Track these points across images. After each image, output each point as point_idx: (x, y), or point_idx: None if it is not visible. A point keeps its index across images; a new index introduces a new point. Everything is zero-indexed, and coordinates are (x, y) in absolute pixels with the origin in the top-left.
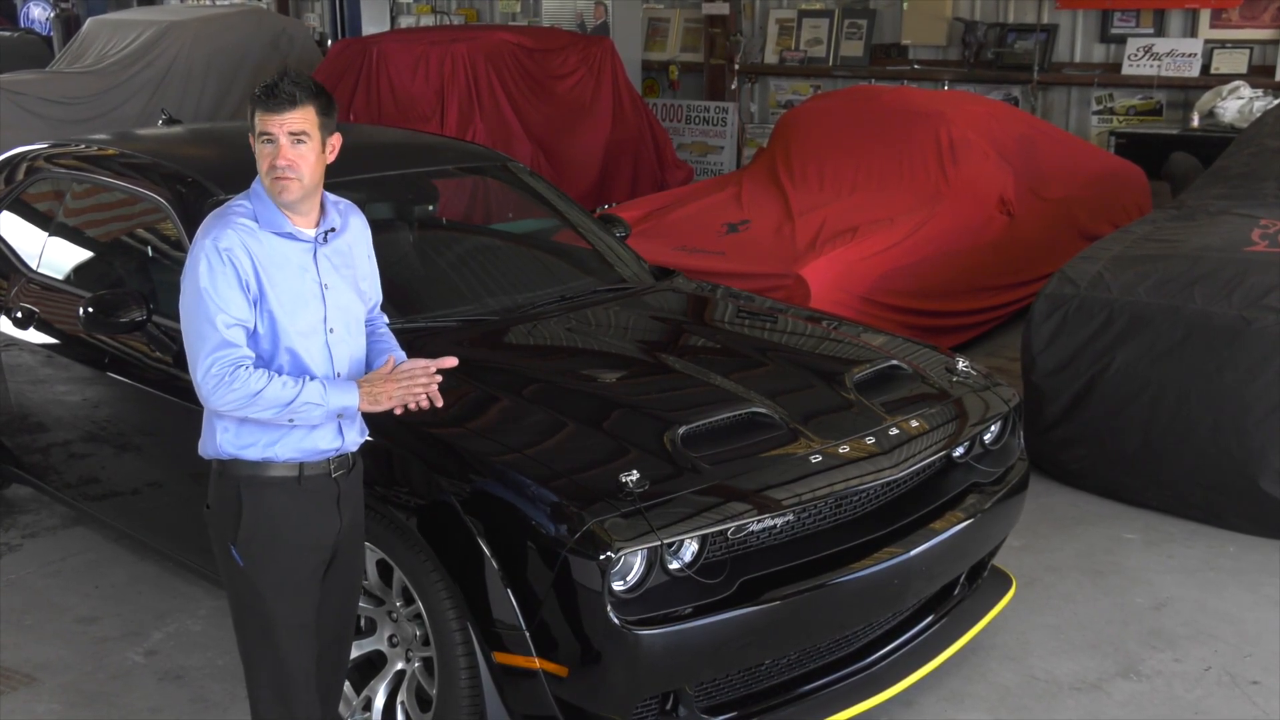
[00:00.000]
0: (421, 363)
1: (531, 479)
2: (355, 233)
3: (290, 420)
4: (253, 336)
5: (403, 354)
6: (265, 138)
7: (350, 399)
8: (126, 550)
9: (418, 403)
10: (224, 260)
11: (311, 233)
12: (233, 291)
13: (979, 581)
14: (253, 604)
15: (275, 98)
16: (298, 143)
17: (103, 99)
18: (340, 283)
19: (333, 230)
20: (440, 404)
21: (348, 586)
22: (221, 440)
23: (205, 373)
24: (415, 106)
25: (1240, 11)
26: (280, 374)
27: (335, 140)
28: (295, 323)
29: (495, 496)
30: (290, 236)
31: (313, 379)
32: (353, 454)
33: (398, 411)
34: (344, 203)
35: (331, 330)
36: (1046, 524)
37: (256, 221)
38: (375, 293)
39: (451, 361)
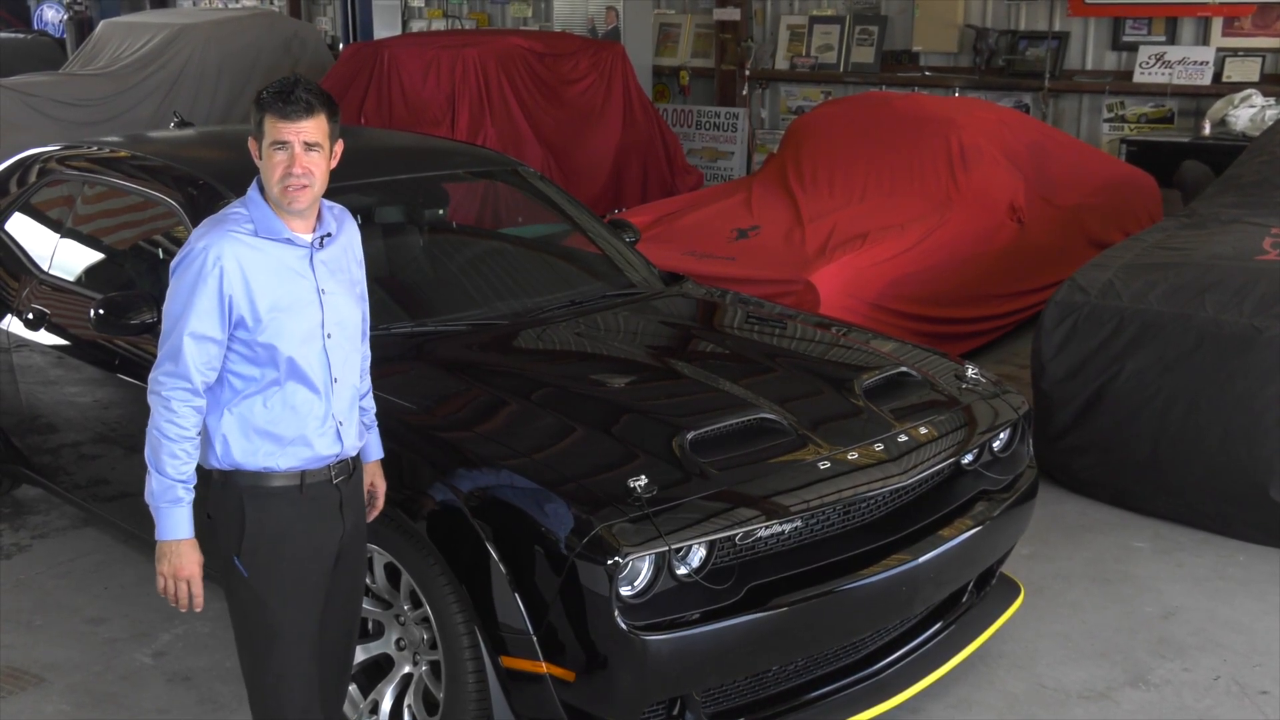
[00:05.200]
0: (196, 599)
1: (540, 483)
2: (349, 237)
3: (148, 465)
4: (250, 346)
5: (375, 442)
6: (278, 145)
7: (164, 532)
8: (136, 551)
9: (169, 596)
10: (213, 268)
11: (309, 238)
12: (209, 304)
13: (987, 589)
14: (257, 613)
15: (292, 104)
16: (311, 151)
17: (115, 101)
18: (338, 288)
19: (329, 235)
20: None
21: (351, 589)
22: (222, 451)
23: (158, 373)
24: (426, 110)
25: (1252, 20)
26: (196, 441)
27: (338, 147)
28: (293, 329)
29: (503, 500)
30: (288, 242)
31: (185, 492)
32: (353, 459)
33: (159, 588)
34: (338, 207)
35: (329, 335)
36: (1055, 532)
37: (254, 228)
38: (365, 310)
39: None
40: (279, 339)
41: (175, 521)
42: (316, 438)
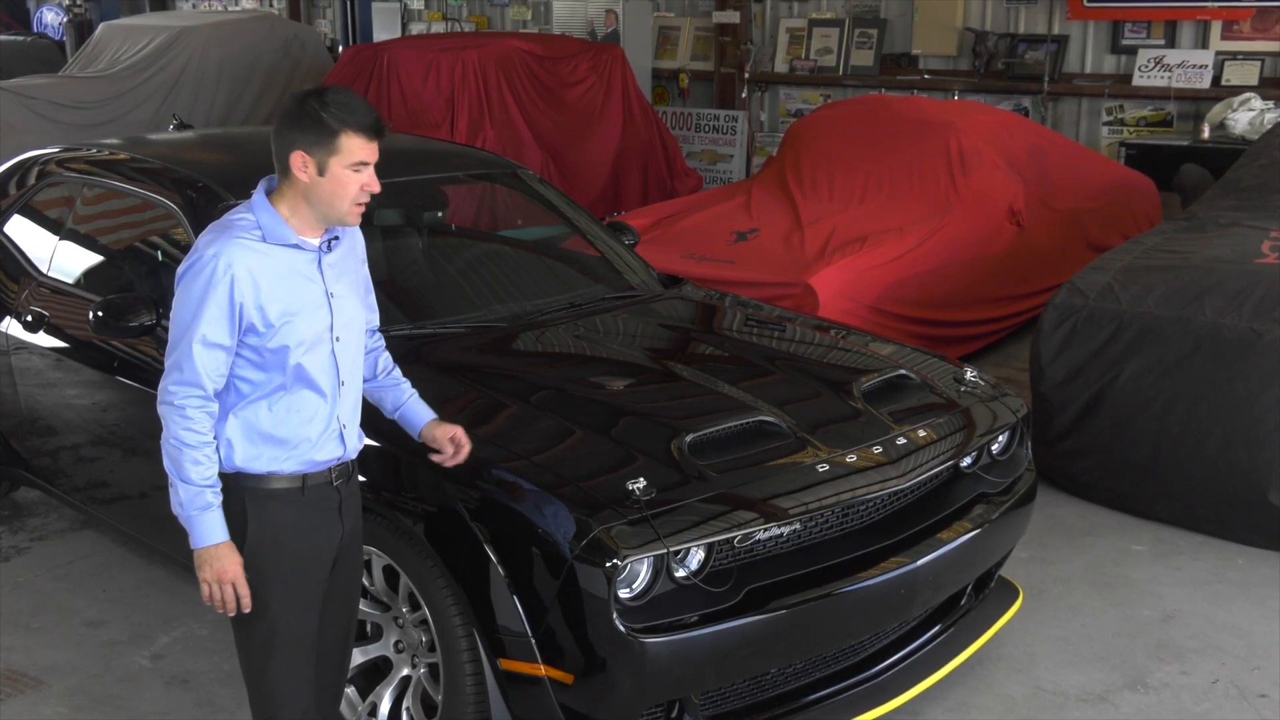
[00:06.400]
0: (244, 600)
1: (539, 486)
2: (353, 238)
3: (170, 477)
4: (258, 352)
5: (422, 407)
6: (361, 165)
7: (200, 539)
8: (135, 554)
9: (216, 602)
10: (223, 275)
11: (316, 242)
12: (219, 311)
13: (986, 592)
14: (257, 615)
15: (379, 128)
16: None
17: (115, 104)
18: (346, 291)
19: (335, 239)
20: (246, 609)
21: (348, 591)
22: (225, 455)
23: (168, 383)
24: (426, 113)
25: (1251, 23)
26: (214, 445)
27: None
28: (302, 334)
29: (502, 503)
30: (296, 247)
31: (214, 496)
32: (352, 461)
33: (204, 596)
34: None
35: (338, 339)
36: (1054, 535)
37: (261, 234)
38: (372, 300)
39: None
40: (289, 344)
41: (209, 527)
42: (320, 442)
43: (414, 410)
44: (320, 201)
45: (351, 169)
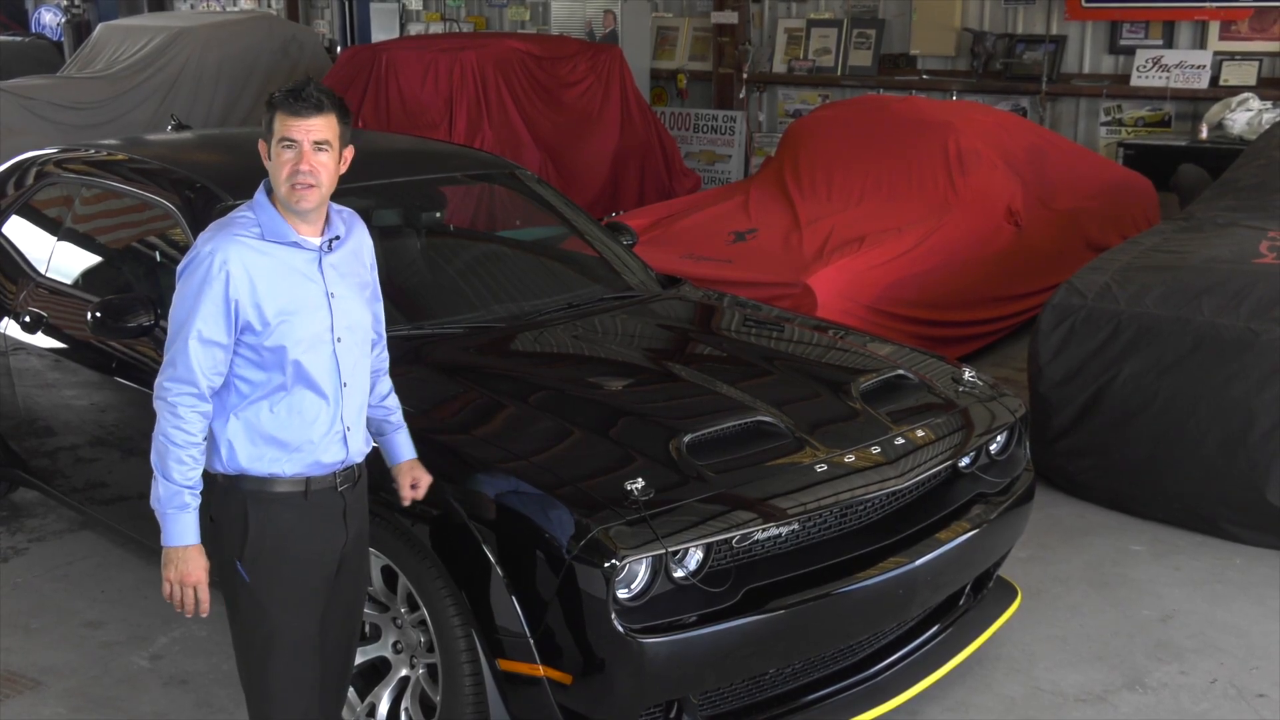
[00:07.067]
0: (203, 604)
1: (537, 486)
2: (359, 240)
3: (154, 470)
4: (256, 350)
5: (408, 443)
6: (286, 143)
7: (171, 538)
8: (133, 555)
9: (175, 602)
10: (219, 273)
11: (316, 241)
12: (215, 308)
13: (984, 592)
14: (257, 619)
15: (302, 102)
16: (319, 150)
17: (113, 104)
18: (348, 291)
19: (337, 238)
20: (204, 614)
21: (353, 596)
22: (228, 456)
23: (163, 379)
24: (424, 114)
25: (1249, 23)
26: (203, 447)
27: (349, 152)
28: (301, 333)
29: (501, 504)
30: (295, 245)
31: (192, 498)
32: (358, 465)
33: (164, 594)
34: (347, 211)
35: (339, 339)
36: (1053, 535)
37: (260, 231)
38: (379, 310)
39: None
40: (287, 343)
41: (182, 527)
42: (323, 444)
43: (398, 443)
44: (275, 186)
45: (281, 146)
